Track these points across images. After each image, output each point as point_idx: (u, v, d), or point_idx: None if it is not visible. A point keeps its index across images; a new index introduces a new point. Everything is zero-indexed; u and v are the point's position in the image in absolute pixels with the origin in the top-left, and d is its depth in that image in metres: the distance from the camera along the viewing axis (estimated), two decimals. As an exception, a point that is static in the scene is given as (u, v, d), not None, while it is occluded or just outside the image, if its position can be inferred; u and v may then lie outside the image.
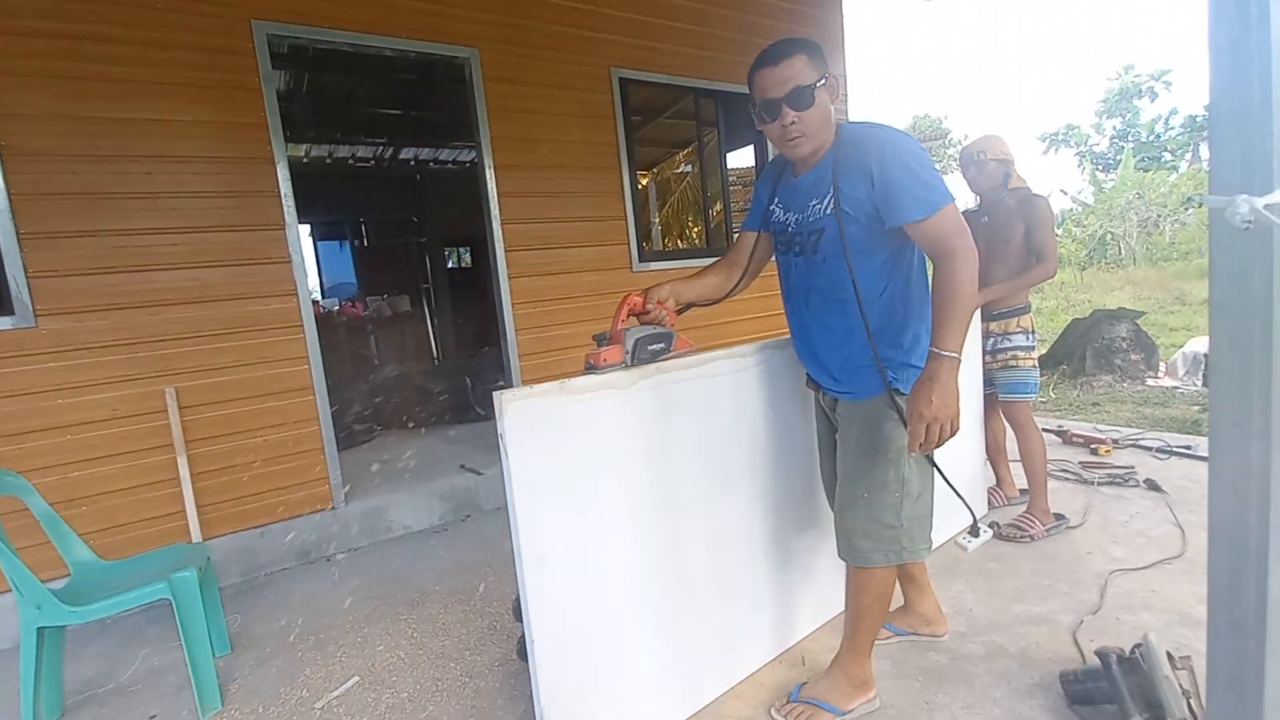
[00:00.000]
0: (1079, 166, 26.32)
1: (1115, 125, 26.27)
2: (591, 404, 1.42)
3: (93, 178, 2.50)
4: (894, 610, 1.89)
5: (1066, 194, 17.89)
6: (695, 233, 7.88)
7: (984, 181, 2.54)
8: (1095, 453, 3.40)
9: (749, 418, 1.77)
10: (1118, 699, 1.45)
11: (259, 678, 2.04)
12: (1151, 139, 24.09)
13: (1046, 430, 3.69)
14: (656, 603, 1.58)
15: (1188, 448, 3.34)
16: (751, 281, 1.75)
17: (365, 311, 6.60)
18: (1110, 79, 26.22)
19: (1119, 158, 21.31)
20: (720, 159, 4.89)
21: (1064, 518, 2.55)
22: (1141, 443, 3.51)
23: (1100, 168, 23.14)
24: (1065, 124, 28.13)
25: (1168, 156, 22.61)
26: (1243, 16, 0.71)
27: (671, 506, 1.60)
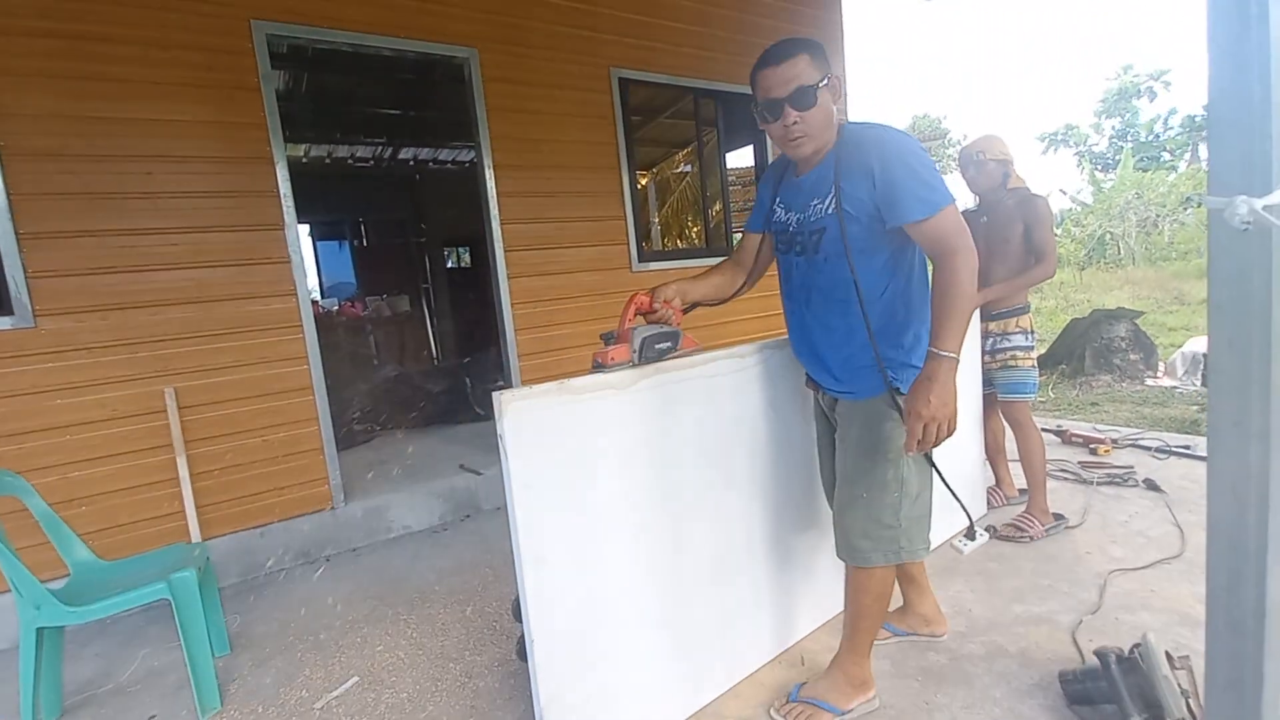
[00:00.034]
0: (1078, 166, 26.33)
1: (1114, 125, 26.27)
2: (591, 404, 1.43)
3: (92, 177, 2.49)
4: (893, 611, 1.90)
5: (1065, 194, 17.92)
6: (695, 233, 7.88)
7: (983, 181, 2.54)
8: (1094, 452, 3.40)
9: (749, 418, 1.77)
10: (1117, 699, 1.45)
11: (258, 678, 2.04)
12: (1150, 139, 24.10)
13: (1045, 430, 3.69)
14: (656, 602, 1.58)
15: (1187, 447, 3.34)
16: (756, 283, 1.78)
17: (365, 311, 6.60)
18: (1109, 79, 26.24)
19: (1118, 158, 21.32)
20: (720, 159, 4.89)
21: (1063, 518, 2.56)
22: (1140, 442, 3.51)
23: (1099, 167, 23.15)
24: (1064, 124, 28.13)
25: (1166, 156, 22.61)
26: (1242, 17, 0.71)
27: (671, 506, 1.60)
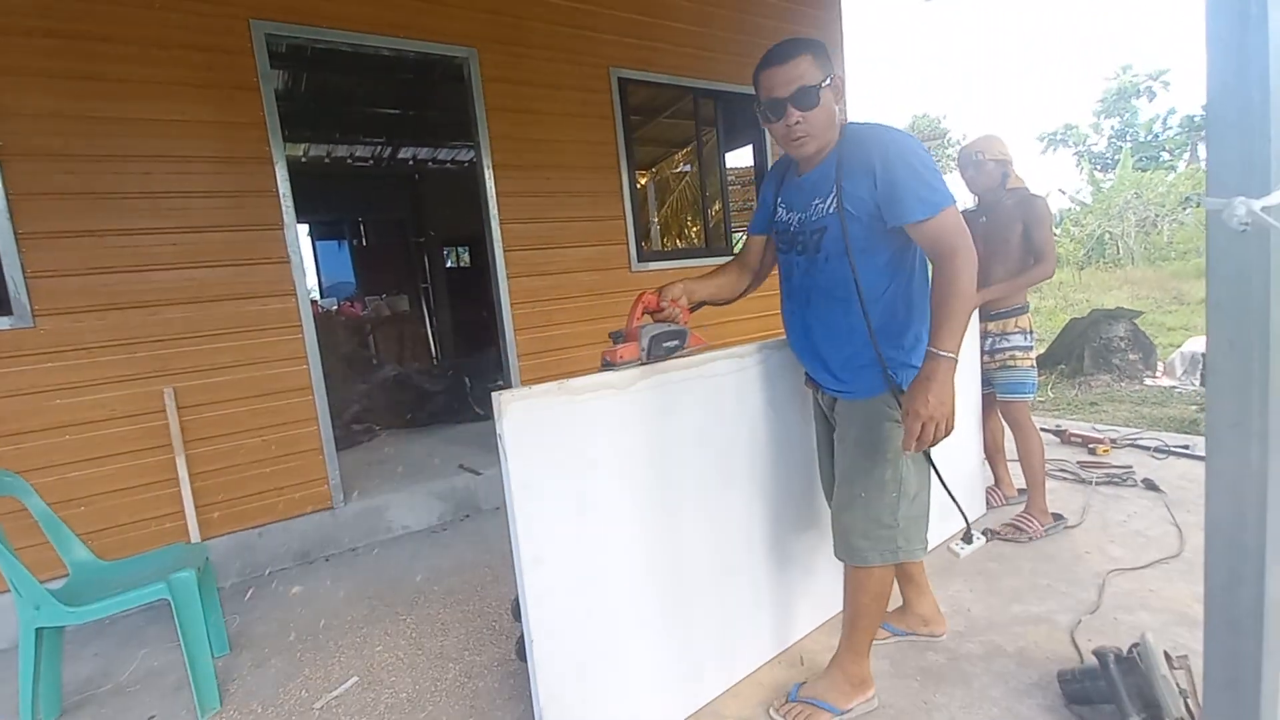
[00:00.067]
0: (1077, 166, 26.32)
1: (1113, 125, 26.26)
2: (590, 404, 1.43)
3: (91, 177, 2.49)
4: (892, 611, 1.90)
5: (1065, 193, 17.91)
6: (694, 232, 7.88)
7: (982, 181, 2.54)
8: (1093, 452, 3.40)
9: (748, 418, 1.77)
10: (1115, 698, 1.45)
11: (258, 678, 2.04)
12: (1149, 139, 24.10)
13: (1044, 430, 3.70)
14: (655, 602, 1.58)
15: (1185, 447, 3.35)
16: (761, 284, 1.80)
17: (364, 311, 6.61)
18: (1108, 79, 26.23)
19: (1117, 157, 21.31)
20: (719, 159, 4.89)
21: (1062, 517, 2.56)
22: (1139, 442, 3.51)
23: (1098, 167, 23.15)
24: (1063, 124, 28.11)
25: (1165, 156, 22.61)
26: (1241, 18, 0.71)
27: (670, 506, 1.60)
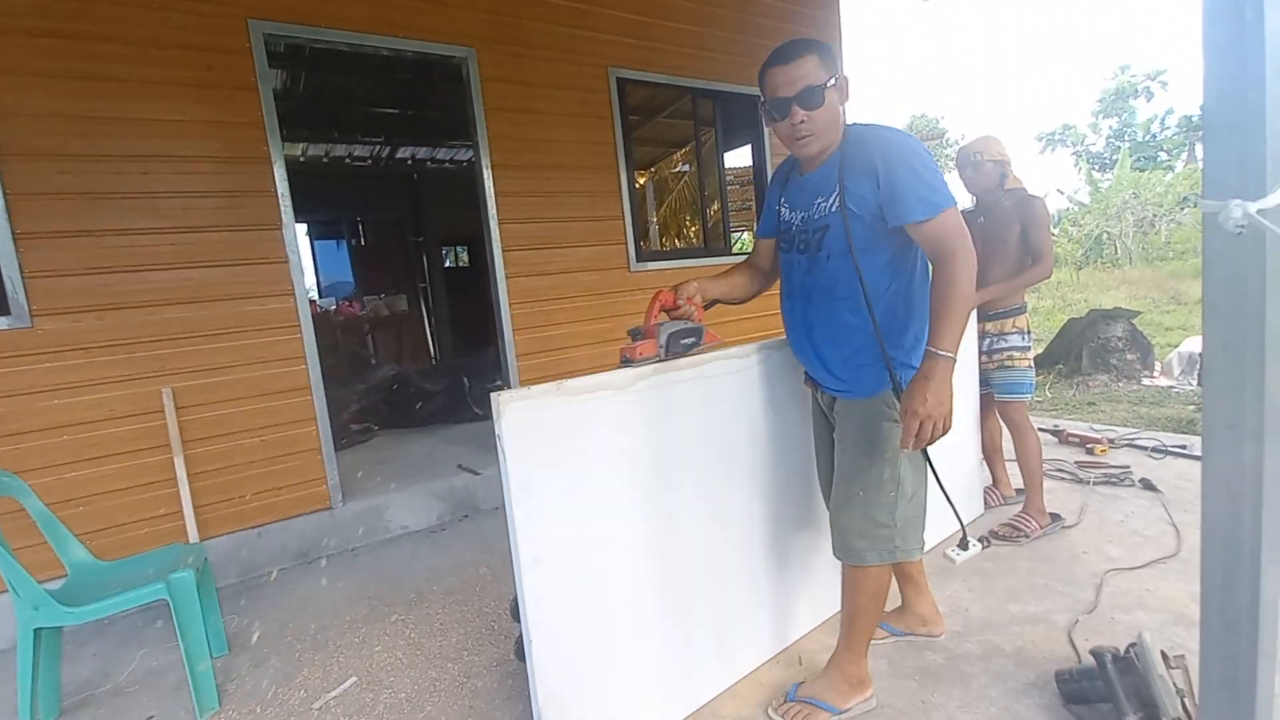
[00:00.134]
0: (1075, 166, 26.32)
1: (1112, 125, 26.27)
2: (589, 405, 1.43)
3: (89, 177, 2.49)
4: (891, 611, 1.90)
5: (1063, 193, 17.90)
6: (693, 232, 7.88)
7: (980, 182, 2.55)
8: (1091, 452, 3.41)
9: (747, 418, 1.78)
10: (1113, 698, 1.46)
11: (257, 678, 2.04)
12: (1148, 139, 24.11)
13: (1042, 430, 3.70)
14: (654, 602, 1.58)
15: (1183, 447, 3.35)
16: (772, 285, 1.81)
17: (362, 311, 6.61)
18: (1107, 79, 26.24)
19: (1115, 157, 21.32)
20: (718, 159, 4.90)
21: (1060, 517, 2.56)
22: (1137, 442, 3.52)
23: (1096, 167, 23.16)
24: (1062, 124, 28.13)
25: (1164, 156, 22.62)
26: (1238, 21, 0.72)
27: (669, 506, 1.60)
